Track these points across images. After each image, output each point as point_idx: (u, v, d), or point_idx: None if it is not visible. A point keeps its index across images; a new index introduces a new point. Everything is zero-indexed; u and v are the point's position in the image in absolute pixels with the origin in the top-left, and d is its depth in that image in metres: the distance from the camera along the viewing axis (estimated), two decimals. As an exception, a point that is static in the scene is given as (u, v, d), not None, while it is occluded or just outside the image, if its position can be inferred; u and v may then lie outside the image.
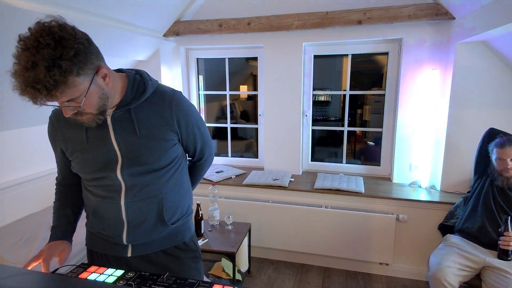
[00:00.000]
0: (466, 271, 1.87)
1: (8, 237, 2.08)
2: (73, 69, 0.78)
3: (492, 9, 1.79)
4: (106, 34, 2.27)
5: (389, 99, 2.74)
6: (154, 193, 1.05)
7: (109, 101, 0.94)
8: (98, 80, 0.88)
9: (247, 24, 2.69)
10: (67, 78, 0.78)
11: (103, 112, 0.93)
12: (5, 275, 0.86)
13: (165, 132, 1.03)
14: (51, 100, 0.81)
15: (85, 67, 0.82)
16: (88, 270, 0.98)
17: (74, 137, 1.02)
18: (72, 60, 0.77)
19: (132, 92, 1.00)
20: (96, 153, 1.00)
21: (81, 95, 0.84)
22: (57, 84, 0.77)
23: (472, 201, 2.06)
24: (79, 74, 0.81)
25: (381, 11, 2.39)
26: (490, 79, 2.26)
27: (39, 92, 0.77)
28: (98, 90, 0.88)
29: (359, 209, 2.50)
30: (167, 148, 1.04)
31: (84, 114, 0.90)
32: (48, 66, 0.74)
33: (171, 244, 1.14)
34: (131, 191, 1.03)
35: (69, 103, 0.84)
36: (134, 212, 1.05)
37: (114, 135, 0.99)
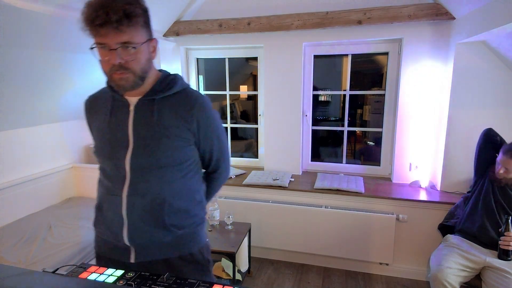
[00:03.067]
0: (466, 271, 1.87)
1: (8, 237, 2.08)
2: (142, 17, 0.91)
3: (492, 9, 1.79)
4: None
5: (389, 99, 2.74)
6: (156, 191, 1.03)
7: (148, 74, 0.99)
8: (150, 46, 0.98)
9: (247, 24, 2.69)
10: (137, 18, 0.89)
11: (143, 79, 0.98)
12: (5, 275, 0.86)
13: (181, 129, 1.02)
14: (113, 33, 0.87)
15: (148, 25, 0.95)
16: (88, 270, 0.98)
17: (100, 120, 1.07)
18: (143, 11, 0.92)
19: (161, 84, 1.03)
20: (112, 136, 1.03)
21: (137, 44, 0.91)
22: (129, 17, 0.86)
23: (472, 201, 2.06)
24: (143, 26, 0.93)
25: (381, 11, 2.39)
26: (490, 79, 2.26)
27: (112, 15, 0.84)
28: (147, 53, 0.97)
29: (359, 209, 2.50)
30: (178, 146, 1.03)
31: (128, 71, 0.93)
32: (127, 2, 0.86)
33: (176, 253, 1.10)
34: (134, 184, 1.02)
35: (124, 46, 0.89)
36: (134, 208, 1.03)
37: (132, 121, 1.02)
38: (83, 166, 2.92)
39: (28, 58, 2.01)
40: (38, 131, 2.62)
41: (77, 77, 2.51)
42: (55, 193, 2.75)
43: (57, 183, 2.76)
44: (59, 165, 2.85)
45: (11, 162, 2.41)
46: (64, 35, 2.02)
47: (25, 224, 2.27)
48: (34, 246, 1.99)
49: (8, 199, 2.34)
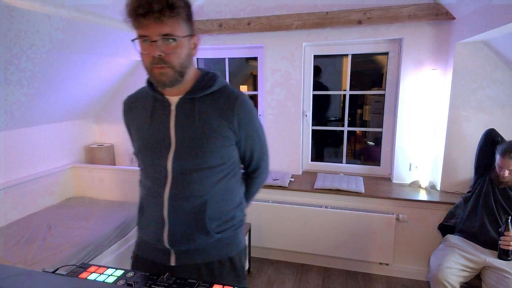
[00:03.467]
0: (466, 271, 1.87)
1: (8, 237, 2.08)
2: (185, 11, 0.90)
3: (492, 9, 1.79)
4: (106, 34, 2.27)
5: (389, 99, 2.74)
6: (198, 193, 1.01)
7: (188, 70, 0.98)
8: (191, 41, 0.96)
9: (247, 24, 2.69)
10: (179, 10, 0.88)
11: (182, 74, 0.95)
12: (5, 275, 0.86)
13: (223, 128, 1.00)
14: (155, 24, 0.86)
15: (190, 21, 0.94)
16: (88, 270, 0.98)
17: (140, 120, 1.06)
18: (186, 5, 0.91)
19: (201, 82, 1.02)
20: (154, 137, 1.02)
21: (176, 38, 0.90)
22: (172, 8, 0.85)
23: (472, 200, 2.06)
24: (185, 20, 0.91)
25: (381, 11, 2.39)
26: (490, 79, 2.26)
27: (155, 5, 0.83)
28: (188, 48, 0.95)
29: (359, 209, 2.50)
30: (221, 146, 1.01)
31: (167, 65, 0.91)
32: None
33: (215, 257, 1.07)
34: (176, 186, 1.00)
35: (164, 37, 0.88)
36: (175, 210, 1.01)
37: (174, 121, 1.01)
38: (83, 166, 2.92)
39: (29, 58, 2.01)
40: (38, 131, 2.62)
41: (77, 77, 2.51)
42: (55, 193, 2.75)
43: (57, 183, 2.76)
44: (59, 165, 2.85)
45: (12, 162, 2.41)
46: (64, 35, 2.02)
47: (25, 224, 2.27)
48: (34, 246, 1.99)
49: (8, 199, 2.34)
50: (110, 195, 2.86)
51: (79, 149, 3.10)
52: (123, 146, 3.29)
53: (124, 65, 2.88)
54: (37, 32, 1.86)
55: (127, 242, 2.41)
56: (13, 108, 2.24)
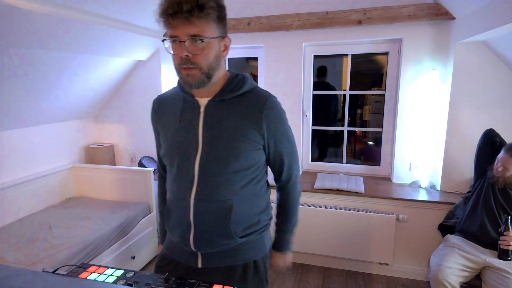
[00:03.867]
0: (466, 271, 1.87)
1: (8, 237, 2.08)
2: (215, 12, 0.89)
3: (492, 9, 1.79)
4: (106, 34, 2.27)
5: (389, 99, 2.74)
6: (224, 197, 1.00)
7: (216, 72, 0.97)
8: (221, 43, 0.96)
9: (247, 24, 2.69)
10: (209, 11, 0.87)
11: (209, 76, 0.95)
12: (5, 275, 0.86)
13: (251, 131, 0.99)
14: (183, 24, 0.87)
15: (221, 22, 0.93)
16: (88, 270, 0.98)
17: (169, 120, 1.06)
18: (218, 7, 0.90)
19: (230, 84, 1.01)
20: (182, 138, 1.02)
21: (206, 38, 0.89)
22: (202, 8, 0.85)
23: (472, 200, 2.06)
24: (215, 21, 0.90)
25: (381, 11, 2.39)
26: (490, 79, 2.26)
27: (184, 5, 0.84)
28: (217, 49, 0.94)
29: (359, 209, 2.50)
30: (248, 149, 1.00)
31: (194, 67, 0.91)
32: None
33: (241, 260, 1.07)
34: (202, 189, 1.00)
35: (193, 39, 0.88)
36: (201, 213, 1.01)
37: (202, 123, 1.00)
38: (83, 166, 2.92)
39: (28, 58, 2.01)
40: (38, 131, 2.62)
41: (77, 77, 2.51)
42: (55, 193, 2.75)
43: (57, 183, 2.76)
44: (59, 165, 2.85)
45: (11, 162, 2.42)
46: (64, 35, 2.02)
47: (25, 224, 2.28)
48: (34, 246, 1.99)
49: (8, 199, 2.34)
50: (110, 195, 2.86)
51: (79, 149, 3.10)
52: (123, 146, 3.29)
53: (124, 65, 2.88)
54: (37, 32, 1.86)
55: (127, 242, 2.41)
56: (13, 108, 2.24)
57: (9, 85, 2.06)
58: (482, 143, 2.10)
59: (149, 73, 3.03)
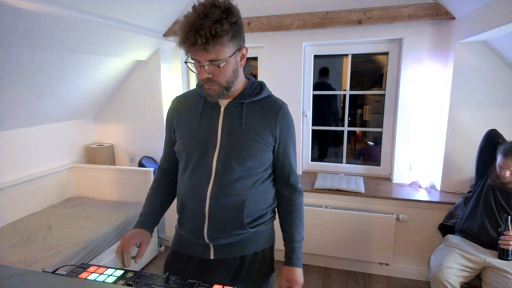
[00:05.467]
0: (466, 271, 1.87)
1: (8, 237, 2.08)
2: (229, 32, 0.93)
3: (492, 9, 1.79)
4: (106, 34, 2.27)
5: (389, 99, 2.74)
6: (238, 192, 1.07)
7: (235, 82, 1.04)
8: (238, 55, 1.01)
9: (247, 24, 2.69)
10: (223, 36, 0.91)
11: (229, 89, 1.03)
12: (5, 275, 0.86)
13: (266, 133, 1.08)
14: (201, 52, 0.93)
15: (237, 37, 0.97)
16: (88, 270, 0.98)
17: (188, 118, 1.13)
18: (232, 25, 0.93)
19: (250, 89, 1.10)
20: (201, 134, 1.09)
21: (222, 61, 0.96)
22: (215, 37, 0.90)
23: (472, 201, 2.05)
24: (230, 40, 0.95)
25: (381, 11, 2.39)
26: (490, 79, 2.26)
27: (199, 38, 0.89)
28: (234, 64, 1.01)
29: (359, 209, 2.50)
30: (262, 150, 1.08)
31: (215, 83, 1.00)
32: (215, 20, 0.90)
33: (252, 250, 1.16)
34: (218, 184, 1.06)
35: (210, 63, 0.95)
36: (216, 206, 1.07)
37: (221, 122, 1.08)
38: (83, 166, 2.92)
39: (28, 58, 2.01)
40: (38, 131, 2.62)
41: (77, 77, 2.51)
42: (55, 193, 2.75)
43: (57, 183, 2.76)
44: (59, 165, 2.85)
45: (11, 162, 2.42)
46: (64, 35, 2.02)
47: (25, 224, 2.27)
48: (34, 246, 1.99)
49: (8, 199, 2.34)
50: (110, 195, 2.86)
51: (79, 149, 3.10)
52: (123, 146, 3.29)
53: (124, 65, 2.88)
54: (37, 32, 1.86)
55: (127, 242, 2.41)
56: (13, 108, 2.24)
57: (9, 85, 2.06)
58: (484, 143, 2.09)
59: (149, 73, 3.03)
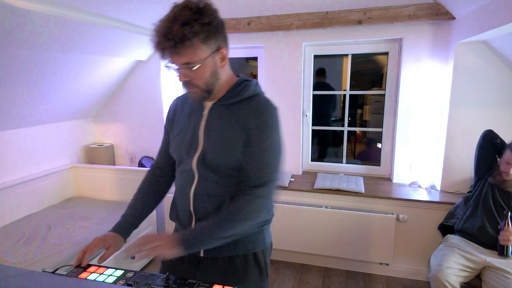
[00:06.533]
0: (466, 271, 1.87)
1: (8, 237, 2.09)
2: (201, 35, 0.90)
3: (492, 9, 1.79)
4: (106, 34, 2.27)
5: (389, 99, 2.74)
6: (220, 194, 1.06)
7: (217, 84, 1.02)
8: (216, 58, 0.98)
9: (247, 24, 2.69)
10: (192, 38, 0.88)
11: (210, 92, 1.01)
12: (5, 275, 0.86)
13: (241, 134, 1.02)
14: (174, 56, 0.92)
15: (211, 38, 0.93)
16: (88, 270, 0.98)
17: (182, 119, 1.14)
18: (203, 26, 0.90)
19: (233, 90, 1.07)
20: (186, 138, 1.10)
21: (197, 63, 0.93)
22: (184, 40, 0.87)
23: (472, 201, 2.05)
24: (203, 42, 0.92)
25: (381, 11, 2.39)
26: (490, 79, 2.26)
27: (167, 42, 0.88)
28: (212, 66, 0.98)
29: (359, 209, 2.50)
30: (239, 151, 1.02)
31: (194, 86, 0.99)
32: (183, 23, 0.87)
33: (240, 251, 1.11)
34: (200, 185, 1.06)
35: (185, 67, 0.94)
36: (200, 206, 1.07)
37: (204, 125, 1.07)
38: (83, 166, 2.92)
39: (28, 58, 2.01)
40: (38, 131, 2.62)
41: (77, 77, 2.51)
42: (55, 193, 2.75)
43: (57, 183, 2.76)
44: (59, 165, 2.85)
45: (11, 162, 2.41)
46: (64, 35, 2.02)
47: (25, 224, 2.27)
48: (34, 246, 1.99)
49: (8, 199, 2.34)
50: (110, 195, 2.86)
51: (79, 149, 3.10)
52: (123, 146, 3.29)
53: (124, 65, 2.88)
54: (37, 32, 1.86)
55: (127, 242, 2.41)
56: (13, 108, 2.24)
57: (9, 85, 2.06)
58: (482, 144, 2.09)
59: (149, 73, 3.03)
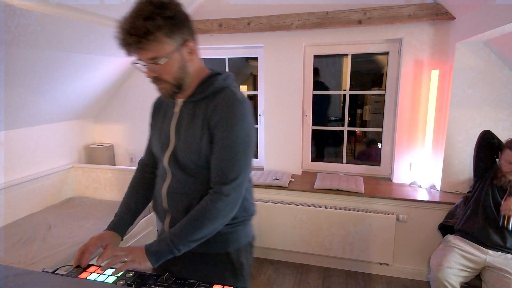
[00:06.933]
0: (466, 271, 1.88)
1: (8, 237, 2.08)
2: (164, 28, 0.89)
3: (492, 9, 1.79)
4: (106, 34, 2.27)
5: (389, 99, 2.74)
6: (192, 191, 1.06)
7: (186, 79, 1.00)
8: (183, 52, 0.96)
9: (247, 24, 2.69)
10: (155, 32, 0.88)
11: (179, 86, 1.00)
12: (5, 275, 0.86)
13: (209, 129, 1.00)
14: (139, 51, 0.91)
15: (175, 32, 0.92)
16: (88, 270, 0.98)
17: (158, 119, 1.15)
18: (166, 19, 0.89)
19: (201, 86, 1.05)
20: (159, 136, 1.11)
21: (163, 57, 0.92)
22: (147, 34, 0.87)
23: (472, 202, 2.05)
24: (168, 36, 0.91)
25: (381, 11, 2.39)
26: (490, 79, 2.26)
27: (130, 38, 0.87)
28: (180, 60, 0.97)
29: (359, 209, 2.50)
30: (203, 148, 1.01)
31: (162, 82, 0.98)
32: (146, 17, 0.87)
33: (213, 250, 1.09)
34: (173, 182, 1.08)
35: (152, 62, 0.93)
36: (172, 204, 1.09)
37: (175, 123, 1.08)
38: (83, 166, 2.92)
39: (28, 58, 2.01)
40: (38, 131, 2.62)
41: (77, 77, 2.51)
42: (55, 193, 2.75)
43: (57, 183, 2.76)
44: (59, 165, 2.85)
45: (11, 162, 2.41)
46: (64, 35, 2.02)
47: (25, 224, 2.27)
48: (34, 246, 1.99)
49: (8, 199, 2.34)
50: (110, 195, 2.86)
51: (79, 149, 3.10)
52: (122, 146, 3.29)
53: (124, 65, 2.88)
54: (37, 32, 1.86)
55: (127, 242, 2.41)
56: (13, 108, 2.24)
57: (9, 85, 2.06)
58: (479, 144, 2.09)
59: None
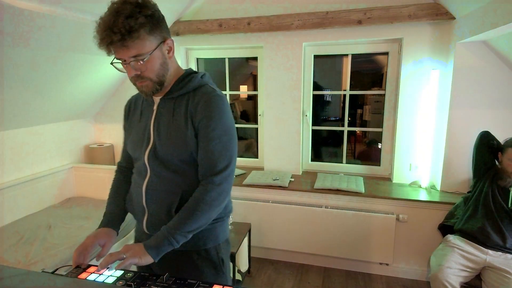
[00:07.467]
0: (466, 271, 1.88)
1: (8, 237, 2.08)
2: (146, 26, 0.92)
3: (492, 9, 1.79)
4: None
5: (389, 99, 2.73)
6: (172, 188, 1.07)
7: (167, 75, 1.03)
8: (163, 49, 1.01)
9: (247, 24, 2.69)
10: (139, 29, 0.91)
11: (161, 83, 1.03)
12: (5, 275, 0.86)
13: (191, 127, 1.04)
14: (122, 49, 0.92)
15: (156, 29, 0.96)
16: (88, 271, 0.98)
17: (135, 119, 1.17)
18: (147, 18, 0.92)
19: (179, 83, 1.08)
20: (138, 134, 1.13)
21: (146, 54, 0.95)
22: (131, 32, 0.89)
23: (472, 202, 2.05)
24: (150, 33, 0.94)
25: (381, 11, 2.39)
26: (490, 79, 2.26)
27: (113, 36, 0.88)
28: (161, 57, 1.00)
29: (359, 209, 2.50)
30: (190, 144, 1.03)
31: (145, 79, 0.99)
32: (127, 15, 0.89)
33: (191, 247, 1.09)
34: (152, 180, 1.09)
35: (134, 60, 0.94)
36: (153, 201, 1.09)
37: (154, 120, 1.09)
38: (83, 166, 2.92)
39: (29, 58, 2.01)
40: (38, 131, 2.62)
41: (77, 77, 2.51)
42: (55, 193, 2.75)
43: (57, 183, 2.76)
44: (59, 165, 2.85)
45: (11, 162, 2.41)
46: (64, 35, 2.02)
47: (25, 224, 2.27)
48: (33, 246, 1.99)
49: (8, 199, 2.34)
50: (110, 195, 2.85)
51: (79, 149, 3.10)
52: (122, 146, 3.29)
53: (124, 65, 2.88)
54: (37, 32, 1.86)
55: (127, 242, 2.41)
56: (13, 108, 2.24)
57: (9, 85, 2.06)
58: (478, 145, 2.09)
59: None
